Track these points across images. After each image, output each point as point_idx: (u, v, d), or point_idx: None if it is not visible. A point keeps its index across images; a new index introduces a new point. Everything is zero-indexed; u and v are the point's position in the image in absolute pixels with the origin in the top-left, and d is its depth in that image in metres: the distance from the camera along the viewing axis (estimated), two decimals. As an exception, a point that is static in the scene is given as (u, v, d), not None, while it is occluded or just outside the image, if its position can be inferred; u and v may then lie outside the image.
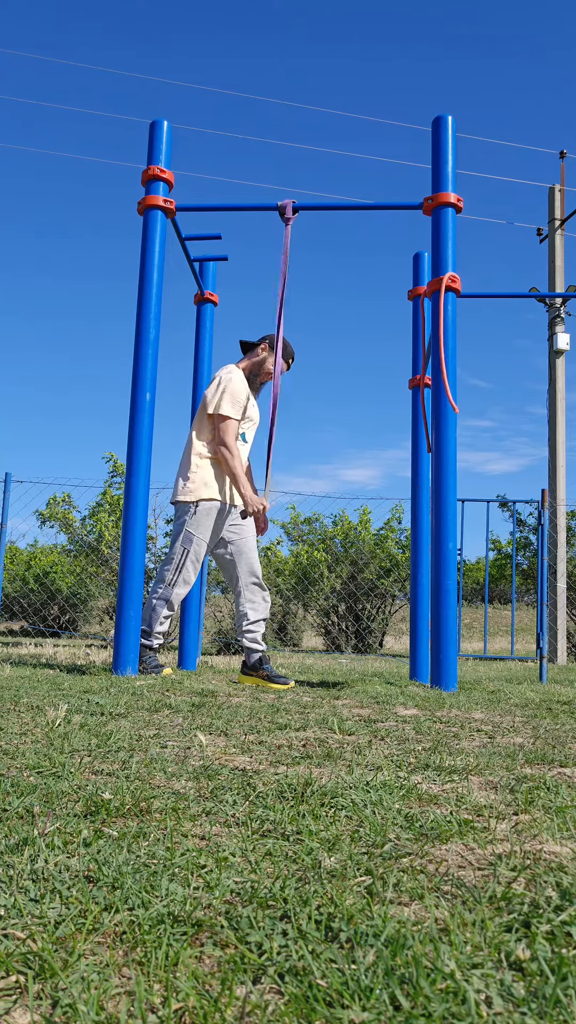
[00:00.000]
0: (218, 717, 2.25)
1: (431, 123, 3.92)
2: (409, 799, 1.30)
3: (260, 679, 3.74)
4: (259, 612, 3.84)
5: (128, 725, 2.04)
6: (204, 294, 4.92)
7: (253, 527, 3.94)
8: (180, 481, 3.82)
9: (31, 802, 1.21)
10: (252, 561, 3.88)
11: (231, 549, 3.87)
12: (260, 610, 3.84)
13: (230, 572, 3.90)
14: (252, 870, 0.94)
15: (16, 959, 0.70)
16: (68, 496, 9.70)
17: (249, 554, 3.87)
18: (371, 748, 1.81)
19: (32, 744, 1.72)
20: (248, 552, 3.88)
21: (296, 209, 4.01)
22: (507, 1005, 0.63)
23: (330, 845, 1.04)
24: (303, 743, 1.86)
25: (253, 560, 3.88)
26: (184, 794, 1.30)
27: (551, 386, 11.28)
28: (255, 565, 3.88)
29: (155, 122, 3.99)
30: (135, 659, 3.61)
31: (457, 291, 3.76)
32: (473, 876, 0.94)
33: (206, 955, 0.73)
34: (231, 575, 3.89)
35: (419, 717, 2.41)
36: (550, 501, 10.62)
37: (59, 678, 3.31)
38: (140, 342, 3.81)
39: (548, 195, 11.85)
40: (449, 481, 3.62)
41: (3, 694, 2.61)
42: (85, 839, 1.03)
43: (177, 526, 3.81)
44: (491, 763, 1.64)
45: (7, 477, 8.15)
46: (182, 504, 3.80)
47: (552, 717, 2.51)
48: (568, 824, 1.16)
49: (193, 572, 3.77)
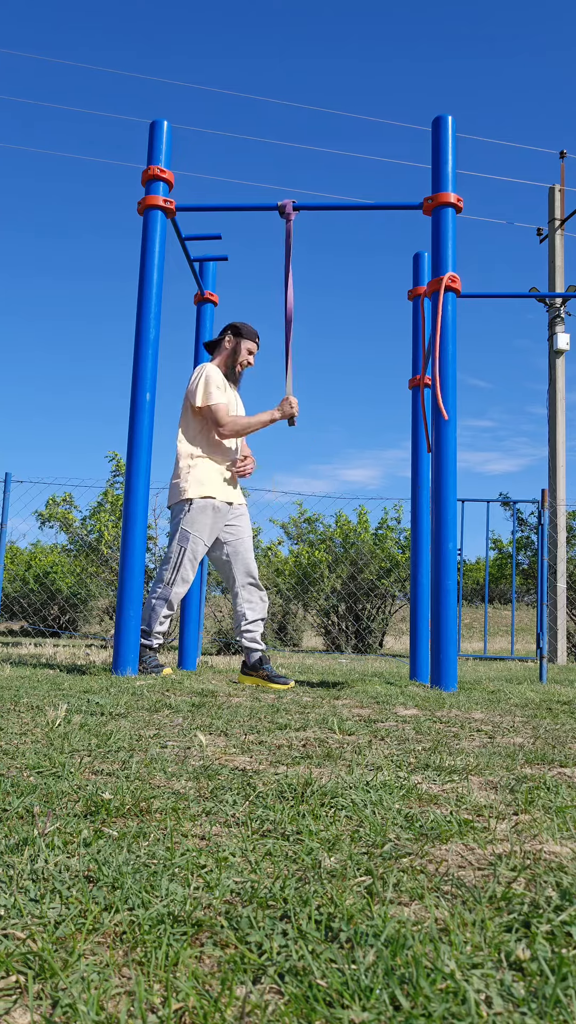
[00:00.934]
0: (218, 717, 2.25)
1: (431, 123, 3.92)
2: (409, 799, 1.30)
3: (260, 679, 3.74)
4: (257, 612, 3.84)
5: (128, 725, 2.04)
6: (204, 294, 4.92)
7: (248, 528, 3.96)
8: (173, 483, 3.84)
9: (31, 802, 1.21)
10: (248, 561, 3.89)
11: (227, 550, 3.88)
12: (258, 610, 3.85)
13: (227, 573, 3.91)
14: (252, 870, 0.94)
15: (16, 959, 0.70)
16: (69, 496, 9.70)
17: (245, 554, 3.88)
18: (371, 748, 1.81)
19: (32, 744, 1.72)
20: (244, 552, 3.88)
21: (296, 209, 4.01)
22: (507, 1005, 0.63)
23: (330, 845, 1.04)
24: (303, 743, 1.86)
25: (249, 560, 3.89)
26: (184, 794, 1.30)
27: (551, 386, 11.28)
28: (251, 565, 3.89)
29: (155, 122, 3.99)
30: (135, 659, 3.61)
31: (457, 291, 3.76)
32: (473, 876, 0.94)
33: (206, 955, 0.73)
34: (228, 576, 3.90)
35: (419, 717, 2.41)
36: (550, 501, 10.62)
37: (59, 678, 3.31)
38: (140, 342, 3.81)
39: (548, 195, 11.85)
40: (449, 481, 3.62)
41: (3, 694, 2.61)
42: (85, 839, 1.03)
43: (173, 526, 3.82)
44: (491, 763, 1.64)
45: (7, 477, 8.15)
46: (177, 504, 3.82)
47: (552, 717, 2.51)
48: (568, 824, 1.16)
49: (191, 571, 3.77)
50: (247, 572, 3.87)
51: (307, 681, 3.95)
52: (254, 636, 3.83)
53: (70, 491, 9.90)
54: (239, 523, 3.92)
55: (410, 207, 3.95)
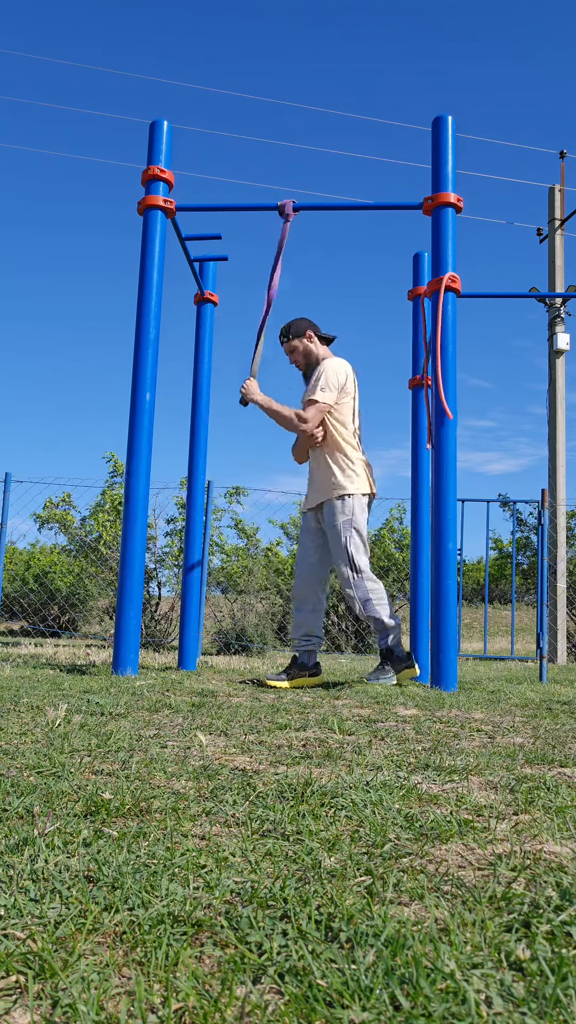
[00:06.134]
0: (218, 717, 2.25)
1: (431, 123, 3.92)
2: (409, 799, 1.30)
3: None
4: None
5: (128, 725, 2.04)
6: (204, 294, 4.92)
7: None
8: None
9: (31, 802, 1.21)
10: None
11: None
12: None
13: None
14: (252, 870, 0.94)
15: (16, 959, 0.70)
16: (68, 496, 9.71)
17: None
18: (371, 748, 1.81)
19: (32, 744, 1.72)
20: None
21: (296, 209, 4.01)
22: (507, 1005, 0.63)
23: (330, 845, 1.04)
24: (303, 743, 1.86)
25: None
26: (184, 794, 1.30)
27: (551, 386, 11.28)
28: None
29: (155, 122, 3.99)
30: (135, 659, 3.61)
31: (457, 291, 3.76)
32: (473, 876, 0.94)
33: (206, 955, 0.73)
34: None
35: (419, 717, 2.41)
36: (550, 501, 10.62)
37: (59, 678, 3.31)
38: (140, 342, 3.81)
39: (548, 195, 11.85)
40: (449, 481, 3.62)
41: (3, 694, 2.61)
42: (85, 839, 1.03)
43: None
44: (491, 763, 1.64)
45: (7, 477, 8.15)
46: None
47: (552, 717, 2.51)
48: (568, 824, 1.16)
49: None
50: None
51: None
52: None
53: (70, 491, 9.91)
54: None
55: (410, 207, 3.95)
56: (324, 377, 3.73)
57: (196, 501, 4.85)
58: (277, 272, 4.01)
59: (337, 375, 3.76)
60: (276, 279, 4.01)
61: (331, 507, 3.72)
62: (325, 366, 3.77)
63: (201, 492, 4.91)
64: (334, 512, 3.70)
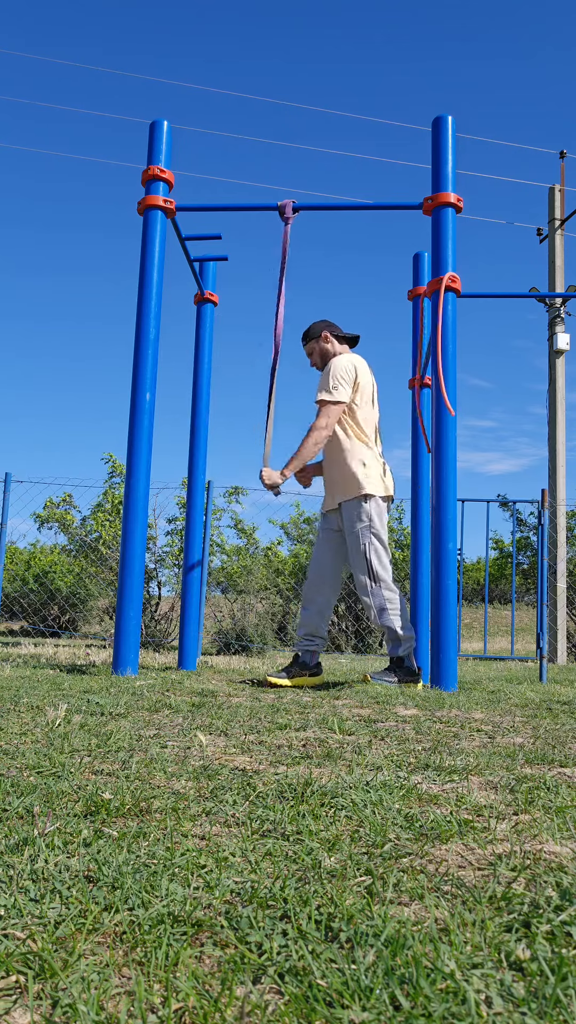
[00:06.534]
0: (218, 717, 2.25)
1: (431, 123, 3.92)
2: (409, 799, 1.30)
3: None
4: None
5: (128, 725, 2.04)
6: (204, 294, 4.92)
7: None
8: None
9: (31, 802, 1.21)
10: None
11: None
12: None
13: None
14: (252, 870, 0.94)
15: (16, 959, 0.70)
16: (69, 496, 9.70)
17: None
18: (371, 748, 1.81)
19: (32, 744, 1.72)
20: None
21: (296, 209, 4.01)
22: (507, 1005, 0.63)
23: (330, 845, 1.04)
24: (303, 743, 1.86)
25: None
26: (184, 794, 1.30)
27: (551, 386, 11.28)
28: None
29: (155, 122, 3.99)
30: (135, 659, 3.61)
31: (457, 291, 3.76)
32: (473, 876, 0.94)
33: (206, 955, 0.73)
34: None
35: (419, 717, 2.41)
36: (550, 501, 10.62)
37: (59, 678, 3.31)
38: (140, 342, 3.81)
39: (548, 195, 11.85)
40: (449, 481, 3.62)
41: (3, 694, 2.61)
42: (85, 839, 1.03)
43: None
44: (491, 763, 1.64)
45: (7, 477, 8.15)
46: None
47: (552, 717, 2.51)
48: (568, 824, 1.16)
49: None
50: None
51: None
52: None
53: (70, 491, 9.91)
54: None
55: (410, 207, 3.95)
56: (332, 375, 3.67)
57: (196, 501, 4.85)
58: (282, 303, 3.94)
59: (346, 370, 3.68)
60: (280, 316, 3.94)
61: (348, 510, 3.66)
62: (331, 363, 3.71)
63: (201, 492, 4.91)
64: (352, 517, 3.64)
